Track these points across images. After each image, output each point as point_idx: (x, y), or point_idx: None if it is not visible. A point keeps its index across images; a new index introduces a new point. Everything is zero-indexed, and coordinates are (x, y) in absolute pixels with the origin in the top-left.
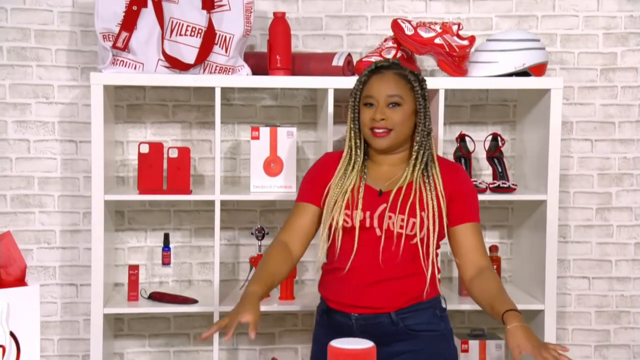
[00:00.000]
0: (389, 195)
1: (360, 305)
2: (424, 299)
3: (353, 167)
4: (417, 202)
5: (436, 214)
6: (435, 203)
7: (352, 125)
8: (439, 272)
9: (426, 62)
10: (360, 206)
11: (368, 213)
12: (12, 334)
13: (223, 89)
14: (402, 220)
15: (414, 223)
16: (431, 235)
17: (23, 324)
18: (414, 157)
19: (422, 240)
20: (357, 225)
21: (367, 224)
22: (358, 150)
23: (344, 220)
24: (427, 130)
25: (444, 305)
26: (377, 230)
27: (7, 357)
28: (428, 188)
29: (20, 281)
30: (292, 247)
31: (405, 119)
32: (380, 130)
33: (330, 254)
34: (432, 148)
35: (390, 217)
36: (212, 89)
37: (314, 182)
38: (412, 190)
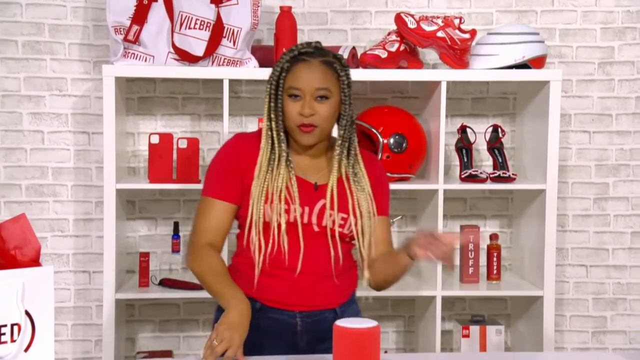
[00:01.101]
0: (324, 189)
1: (306, 304)
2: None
3: (279, 160)
4: (352, 199)
5: (371, 211)
6: (368, 197)
7: (272, 116)
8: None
9: (428, 55)
10: (297, 201)
11: (307, 209)
12: (27, 313)
13: (231, 82)
14: (343, 219)
15: (351, 221)
16: (365, 231)
17: (38, 303)
18: (338, 151)
19: (355, 235)
20: (299, 222)
21: (305, 220)
22: (282, 144)
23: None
24: (351, 120)
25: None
26: (315, 227)
27: (23, 335)
28: (358, 183)
29: (34, 262)
30: (218, 245)
31: (332, 113)
32: (306, 127)
33: (246, 247)
34: (355, 140)
35: (330, 215)
36: (221, 82)
37: (226, 175)
38: (345, 185)
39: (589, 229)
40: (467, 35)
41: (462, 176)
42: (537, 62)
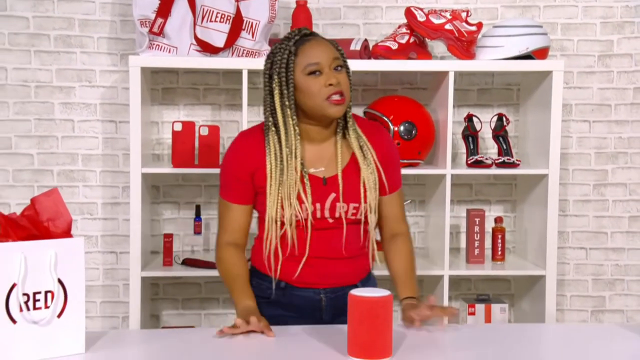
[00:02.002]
0: (333, 182)
1: (328, 282)
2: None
3: (289, 158)
4: (362, 186)
5: (377, 189)
6: (375, 177)
7: (287, 103)
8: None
9: (436, 48)
10: (310, 199)
11: (318, 205)
12: (60, 281)
13: (249, 73)
14: (355, 208)
15: (363, 208)
16: (372, 206)
17: (69, 272)
18: (340, 129)
19: (368, 213)
20: (313, 217)
21: (318, 215)
22: (296, 128)
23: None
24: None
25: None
26: (329, 219)
27: (56, 302)
28: (364, 157)
29: (66, 233)
30: (240, 242)
31: (349, 82)
32: (338, 97)
33: (262, 233)
34: (353, 119)
35: (343, 207)
36: (240, 74)
37: (236, 180)
38: (354, 172)
39: (588, 214)
40: (473, 28)
41: (469, 162)
42: (540, 54)
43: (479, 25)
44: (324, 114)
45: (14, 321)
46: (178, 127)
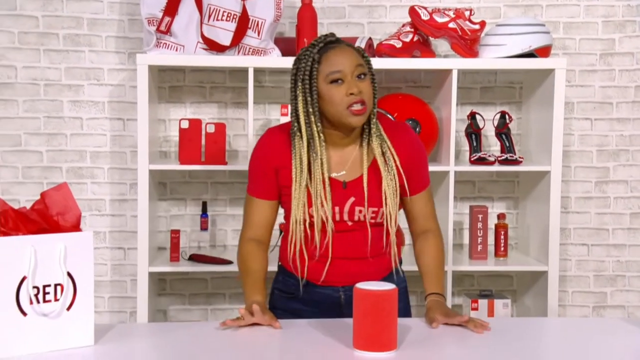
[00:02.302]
0: (353, 187)
1: (347, 281)
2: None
3: (314, 156)
4: (381, 190)
5: (397, 195)
6: (396, 176)
7: (311, 110)
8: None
9: (440, 47)
10: (330, 203)
11: (337, 208)
12: (69, 274)
13: (255, 72)
14: (374, 212)
15: (382, 212)
16: (392, 211)
17: (78, 265)
18: (367, 138)
19: (387, 220)
20: (333, 220)
21: (337, 218)
22: (322, 135)
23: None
24: (376, 106)
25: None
26: (348, 222)
27: (65, 295)
28: (386, 163)
29: (75, 227)
30: (263, 239)
31: (372, 90)
32: (359, 106)
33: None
34: (379, 125)
35: (360, 211)
36: (246, 72)
37: (262, 175)
38: (375, 175)
39: (590, 210)
40: (477, 26)
41: (472, 159)
42: (543, 52)
43: (482, 24)
44: (344, 122)
45: (24, 313)
46: (185, 124)
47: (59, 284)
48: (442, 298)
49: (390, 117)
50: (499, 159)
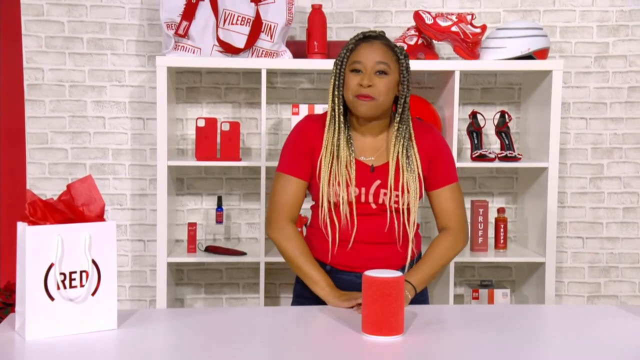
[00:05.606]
0: (380, 171)
1: (369, 267)
2: (416, 255)
3: (339, 137)
4: (405, 179)
5: (418, 191)
6: (418, 178)
7: (336, 92)
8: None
9: (443, 50)
10: (354, 182)
11: (363, 189)
12: (93, 262)
13: (268, 73)
14: (397, 196)
15: (405, 198)
16: (412, 209)
17: (102, 253)
18: (395, 130)
19: (408, 209)
20: (357, 201)
21: (362, 200)
22: (341, 117)
23: (339, 196)
24: (407, 104)
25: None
26: (372, 205)
27: (90, 281)
28: (409, 165)
29: (99, 217)
30: (294, 219)
31: (389, 88)
32: (365, 97)
33: (319, 222)
34: (410, 123)
35: (385, 194)
36: (259, 74)
37: (298, 154)
38: (400, 166)
39: (585, 205)
40: (478, 30)
41: (473, 156)
42: (541, 54)
43: (483, 28)
44: (352, 108)
45: (52, 298)
46: (201, 123)
47: (84, 271)
48: (411, 288)
49: (418, 119)
50: (499, 156)
